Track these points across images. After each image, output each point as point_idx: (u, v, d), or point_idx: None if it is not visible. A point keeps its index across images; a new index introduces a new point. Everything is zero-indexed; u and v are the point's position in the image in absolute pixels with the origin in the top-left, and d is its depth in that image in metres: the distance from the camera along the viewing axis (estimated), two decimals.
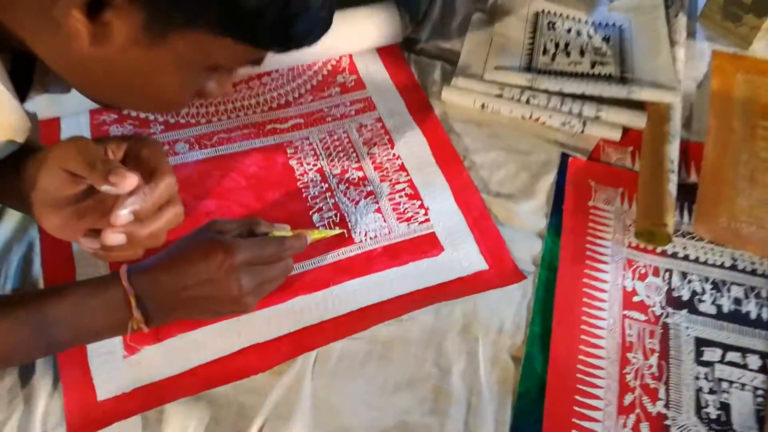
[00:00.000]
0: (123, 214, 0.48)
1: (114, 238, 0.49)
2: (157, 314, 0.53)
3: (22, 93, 0.55)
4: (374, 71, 0.85)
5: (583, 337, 0.61)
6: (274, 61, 0.83)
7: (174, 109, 0.50)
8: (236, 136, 0.76)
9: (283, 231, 0.59)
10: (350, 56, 0.86)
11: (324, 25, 0.46)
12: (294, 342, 0.59)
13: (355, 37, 0.85)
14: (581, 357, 0.59)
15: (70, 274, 0.63)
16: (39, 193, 0.50)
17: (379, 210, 0.70)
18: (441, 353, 0.59)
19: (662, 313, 0.63)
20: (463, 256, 0.66)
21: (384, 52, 0.87)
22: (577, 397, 0.57)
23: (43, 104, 0.73)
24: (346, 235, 0.67)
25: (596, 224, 0.70)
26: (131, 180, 0.47)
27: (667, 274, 0.66)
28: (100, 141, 0.51)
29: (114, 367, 0.56)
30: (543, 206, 0.71)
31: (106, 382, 0.55)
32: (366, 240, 0.67)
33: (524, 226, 0.69)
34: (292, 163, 0.74)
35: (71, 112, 0.76)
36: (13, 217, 0.66)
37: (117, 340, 0.57)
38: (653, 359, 0.60)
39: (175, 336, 0.58)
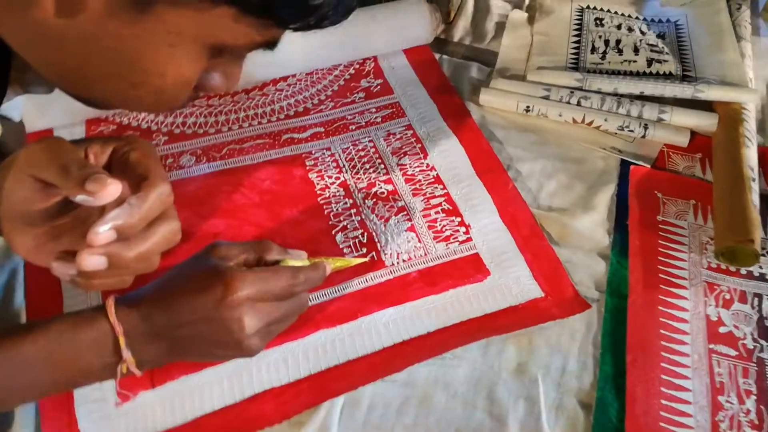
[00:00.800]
0: (102, 231, 0.38)
1: (91, 261, 0.39)
2: (150, 355, 0.44)
3: None
4: (402, 74, 0.77)
5: (664, 377, 0.51)
6: (291, 64, 0.76)
7: (169, 105, 0.41)
8: (249, 147, 0.68)
9: (298, 260, 0.49)
10: (375, 58, 0.79)
11: None
12: (316, 386, 0.50)
13: (380, 38, 0.78)
14: (664, 402, 0.49)
15: (56, 307, 0.55)
16: (5, 207, 0.41)
17: (412, 228, 0.61)
18: (493, 399, 0.50)
19: (755, 347, 0.53)
20: (513, 281, 0.57)
21: (412, 53, 0.79)
22: None
23: (33, 114, 0.66)
24: (375, 258, 0.58)
25: (669, 242, 0.60)
26: (113, 188, 0.38)
27: (756, 300, 0.56)
28: (80, 143, 0.42)
29: (104, 416, 0.49)
30: (604, 221, 0.62)
31: None
32: (399, 263, 0.58)
33: (583, 245, 0.60)
34: (312, 176, 0.65)
35: (65, 122, 0.68)
36: None
37: (108, 385, 0.49)
38: (750, 403, 0.50)
39: (175, 379, 0.50)
